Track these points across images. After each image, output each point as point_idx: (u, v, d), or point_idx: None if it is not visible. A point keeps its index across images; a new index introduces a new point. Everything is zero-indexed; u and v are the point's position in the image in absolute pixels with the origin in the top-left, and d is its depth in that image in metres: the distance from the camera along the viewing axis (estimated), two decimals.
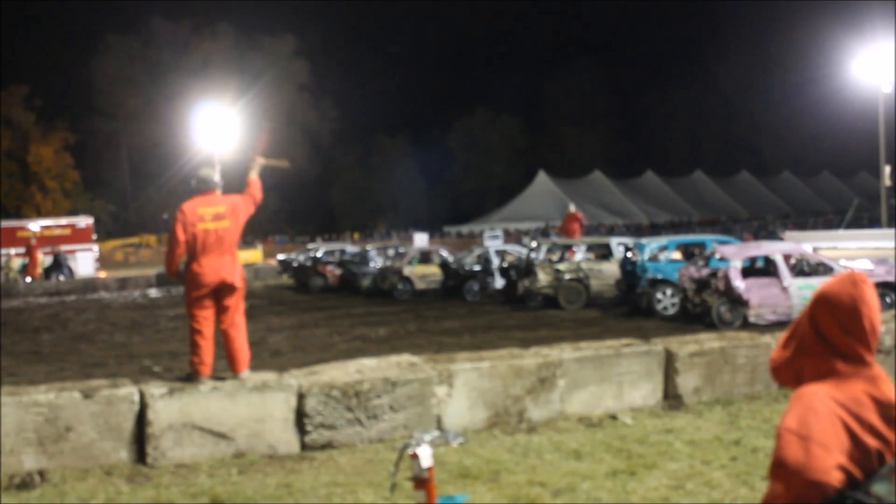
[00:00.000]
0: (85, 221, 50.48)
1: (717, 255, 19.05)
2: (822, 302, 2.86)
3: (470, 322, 20.62)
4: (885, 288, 17.84)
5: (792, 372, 2.85)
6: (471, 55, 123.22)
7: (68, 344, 20.07)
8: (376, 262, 31.67)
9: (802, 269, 18.95)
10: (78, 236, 48.64)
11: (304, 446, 8.40)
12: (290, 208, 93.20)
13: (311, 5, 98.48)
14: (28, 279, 41.15)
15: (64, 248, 45.47)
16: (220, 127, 47.40)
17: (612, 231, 63.74)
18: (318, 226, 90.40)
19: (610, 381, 9.58)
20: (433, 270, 28.74)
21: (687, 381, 9.82)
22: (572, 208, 33.08)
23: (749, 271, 18.67)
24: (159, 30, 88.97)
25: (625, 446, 8.10)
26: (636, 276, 20.60)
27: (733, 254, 18.63)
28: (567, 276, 22.80)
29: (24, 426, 7.76)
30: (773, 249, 19.06)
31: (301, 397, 8.42)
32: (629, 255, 22.38)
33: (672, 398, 9.78)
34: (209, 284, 9.12)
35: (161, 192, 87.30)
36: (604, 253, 25.42)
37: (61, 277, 41.51)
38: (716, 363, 9.99)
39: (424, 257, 30.79)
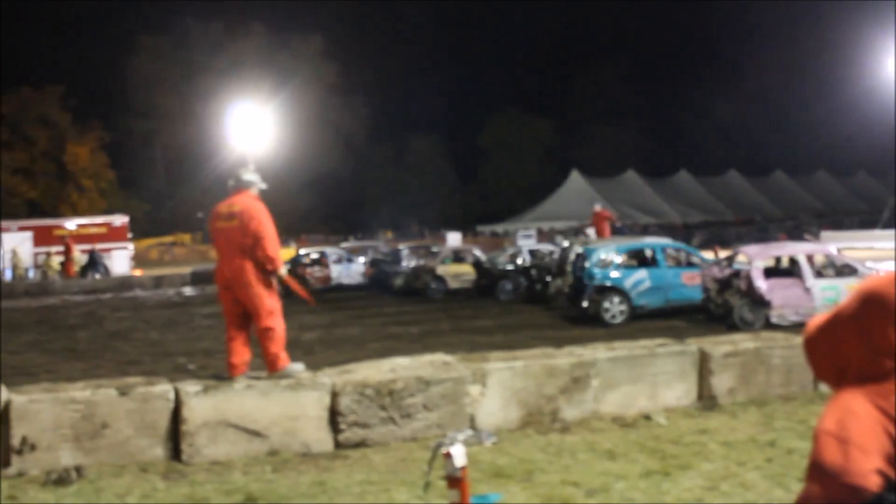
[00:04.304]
0: (120, 220, 50.89)
1: (741, 256, 18.93)
2: (871, 302, 2.81)
3: (503, 321, 20.62)
4: None
5: (834, 370, 2.82)
6: (503, 54, 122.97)
7: (104, 341, 20.24)
8: (409, 262, 31.67)
9: (826, 269, 18.78)
10: (113, 235, 49.07)
11: (337, 444, 8.41)
12: (323, 207, 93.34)
13: (342, 5, 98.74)
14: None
15: (100, 246, 45.84)
16: (252, 126, 47.60)
17: (645, 230, 63.41)
18: (351, 224, 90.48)
19: (644, 381, 9.54)
20: (466, 269, 28.76)
21: (721, 382, 9.77)
22: (598, 207, 33.03)
23: (772, 272, 18.53)
24: (192, 30, 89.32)
25: (659, 447, 8.06)
26: (584, 283, 20.02)
27: (756, 254, 18.52)
28: None
29: (61, 423, 7.82)
30: (796, 250, 18.90)
31: (335, 396, 8.44)
32: (579, 260, 21.53)
33: (706, 399, 9.72)
34: (220, 282, 9.30)
35: (195, 191, 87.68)
36: None
37: (97, 276, 41.85)
38: (750, 364, 9.93)
39: (457, 256, 30.81)
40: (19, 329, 23.74)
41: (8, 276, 45.49)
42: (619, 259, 20.48)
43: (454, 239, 56.58)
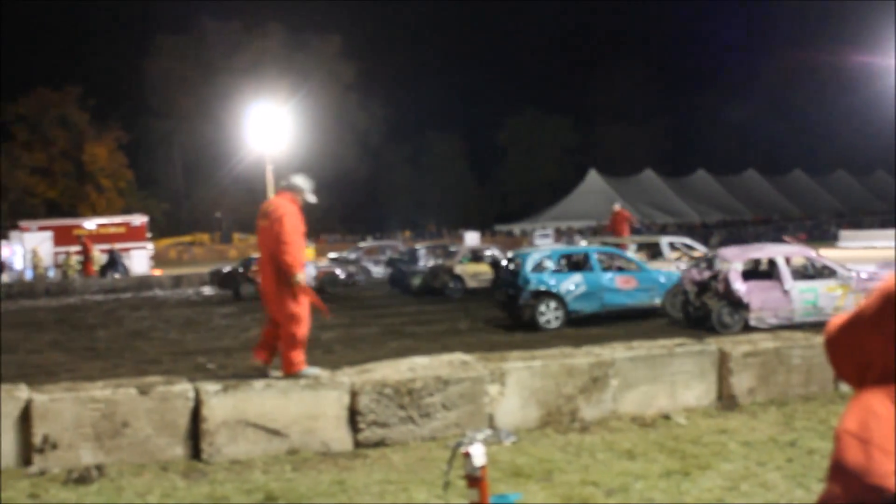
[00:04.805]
0: (139, 220, 51.13)
1: (719, 257, 18.75)
2: (892, 301, 2.80)
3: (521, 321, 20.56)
4: None
5: (855, 370, 2.81)
6: (521, 54, 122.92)
7: (124, 341, 20.32)
8: (426, 261, 31.62)
9: (805, 272, 18.62)
10: (132, 234, 49.31)
11: (357, 444, 8.43)
12: (340, 207, 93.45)
13: (360, 5, 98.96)
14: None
15: (119, 246, 46.04)
16: (270, 126, 47.72)
17: (663, 230, 63.29)
18: (369, 224, 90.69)
19: (663, 381, 9.53)
20: (484, 269, 28.73)
21: (741, 382, 9.75)
22: (617, 207, 32.93)
23: (750, 274, 18.39)
24: (210, 30, 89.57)
25: (678, 446, 8.05)
26: (518, 288, 19.69)
27: (734, 256, 18.41)
28: None
29: (82, 421, 7.87)
30: (774, 252, 18.75)
31: (354, 395, 8.46)
32: (510, 265, 21.19)
33: (726, 398, 9.70)
34: (258, 280, 9.50)
35: (213, 191, 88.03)
36: (654, 252, 25.25)
37: (117, 275, 42.02)
38: (770, 363, 9.91)
39: (475, 256, 30.79)
40: (40, 328, 23.88)
41: (29, 275, 45.75)
42: (553, 264, 20.25)
43: (472, 238, 56.58)
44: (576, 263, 20.84)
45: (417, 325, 20.68)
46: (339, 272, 33.02)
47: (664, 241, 25.35)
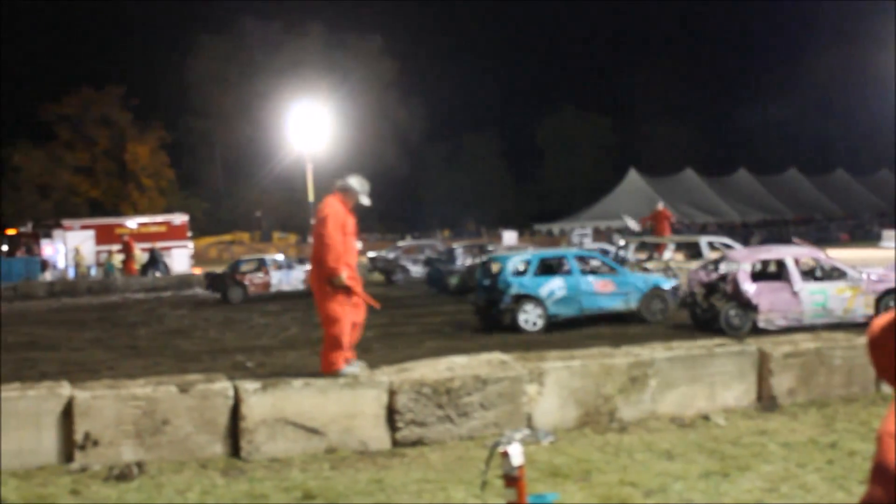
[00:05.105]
0: (180, 219, 51.46)
1: (727, 259, 18.56)
2: None
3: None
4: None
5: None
6: (560, 52, 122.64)
7: (164, 339, 20.48)
8: (463, 261, 31.57)
9: (814, 273, 18.41)
10: (173, 233, 49.63)
11: (395, 443, 8.45)
12: (380, 206, 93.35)
13: (400, 4, 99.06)
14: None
15: (160, 244, 46.36)
16: (311, 125, 47.89)
17: (703, 230, 62.86)
18: (408, 223, 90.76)
19: (702, 382, 9.47)
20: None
21: (781, 383, 9.66)
22: (661, 206, 32.75)
23: (759, 275, 18.21)
24: (251, 30, 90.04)
25: (718, 447, 8.00)
26: (498, 291, 19.49)
27: (742, 257, 18.23)
28: None
29: (123, 419, 7.94)
30: (783, 253, 18.54)
31: (392, 394, 8.47)
32: (485, 269, 21.13)
33: (766, 399, 9.63)
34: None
35: (254, 190, 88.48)
36: (693, 252, 25.10)
37: (157, 274, 42.34)
38: (811, 364, 9.82)
39: None
40: (82, 326, 24.13)
41: (71, 273, 46.22)
42: (533, 268, 20.06)
43: (510, 238, 56.52)
44: (555, 267, 20.70)
45: (455, 325, 20.68)
46: None
47: (703, 240, 25.20)
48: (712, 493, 6.75)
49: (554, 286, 19.52)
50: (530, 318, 19.19)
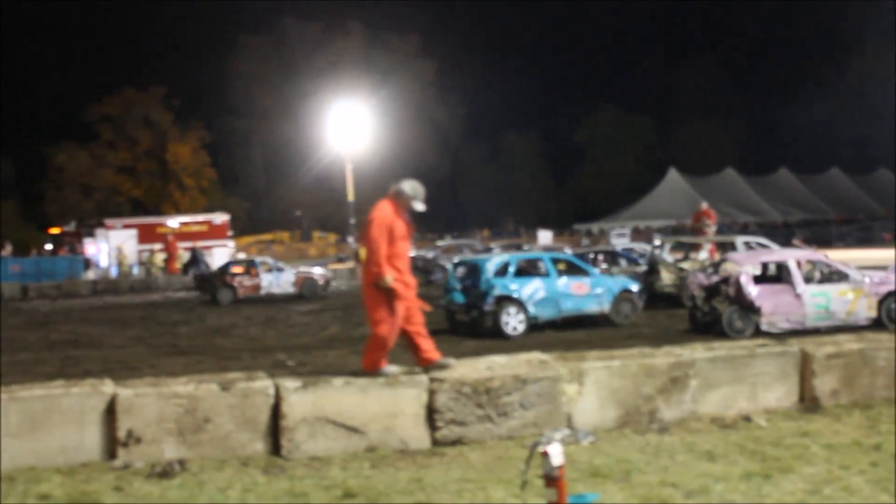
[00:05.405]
0: (221, 218, 51.82)
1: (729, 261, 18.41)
2: None
3: (597, 319, 20.44)
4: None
5: None
6: (601, 51, 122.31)
7: (205, 337, 20.65)
8: None
9: (816, 276, 18.24)
10: (214, 233, 49.99)
11: (434, 442, 8.46)
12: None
13: (440, 4, 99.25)
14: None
15: (201, 244, 46.71)
16: (351, 125, 48.01)
17: (744, 229, 62.39)
18: (448, 223, 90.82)
19: (743, 382, 9.40)
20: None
21: (824, 384, 9.58)
22: (704, 206, 32.58)
23: (761, 278, 18.07)
24: (291, 30, 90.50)
25: (759, 449, 7.95)
26: (480, 294, 19.22)
27: (744, 260, 18.09)
28: None
29: (165, 416, 8.00)
30: (785, 256, 18.39)
31: (432, 393, 8.48)
32: (458, 272, 20.81)
33: (808, 400, 9.55)
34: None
35: (294, 189, 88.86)
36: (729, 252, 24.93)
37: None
38: (854, 365, 9.73)
39: None
40: (124, 324, 24.36)
41: (114, 272, 46.66)
42: (513, 269, 19.84)
43: (545, 237, 56.41)
44: (531, 269, 20.56)
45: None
46: (318, 278, 32.60)
47: (740, 240, 25.02)
48: (754, 495, 6.70)
49: (534, 287, 19.41)
50: (512, 321, 19.02)
